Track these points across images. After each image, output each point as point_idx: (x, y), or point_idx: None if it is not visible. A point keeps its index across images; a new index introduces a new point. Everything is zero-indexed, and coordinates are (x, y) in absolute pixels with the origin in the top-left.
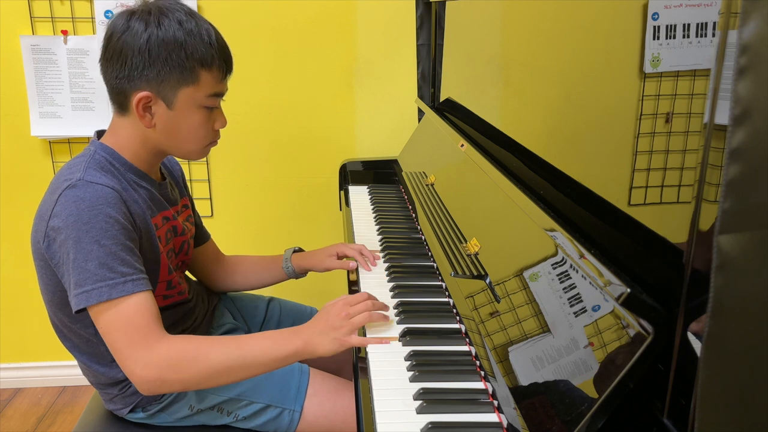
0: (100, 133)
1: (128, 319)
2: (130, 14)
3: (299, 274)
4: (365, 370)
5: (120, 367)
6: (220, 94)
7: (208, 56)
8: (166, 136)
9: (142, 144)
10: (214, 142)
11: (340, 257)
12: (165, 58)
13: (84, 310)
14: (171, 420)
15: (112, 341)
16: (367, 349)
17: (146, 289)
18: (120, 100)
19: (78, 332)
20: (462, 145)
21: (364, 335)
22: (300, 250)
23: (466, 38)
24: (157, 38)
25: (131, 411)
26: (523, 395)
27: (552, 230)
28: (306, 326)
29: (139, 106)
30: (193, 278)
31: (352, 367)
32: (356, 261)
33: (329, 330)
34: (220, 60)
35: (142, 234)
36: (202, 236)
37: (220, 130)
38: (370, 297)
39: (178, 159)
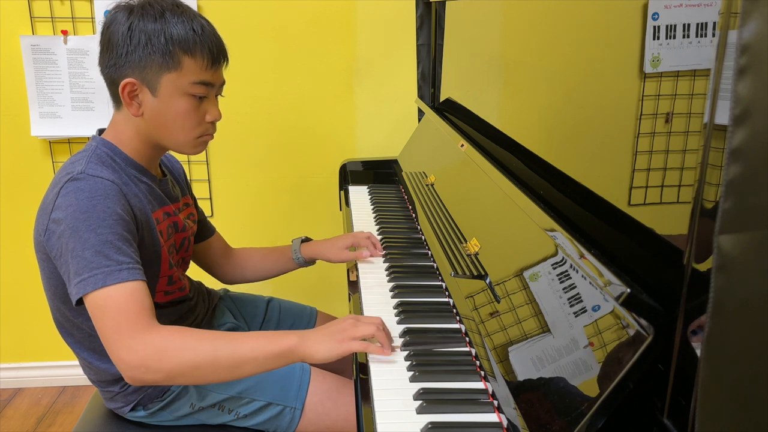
0: (100, 132)
1: (119, 306)
2: (116, 7)
3: (308, 263)
4: (366, 372)
5: (108, 354)
6: (209, 84)
7: (191, 41)
8: (155, 125)
9: (137, 136)
10: (208, 136)
11: (353, 247)
12: (146, 43)
13: (83, 301)
14: (171, 418)
15: (101, 326)
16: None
17: (141, 279)
18: (113, 91)
19: (80, 326)
20: (462, 145)
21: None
22: (307, 239)
23: (466, 38)
24: (138, 25)
25: (132, 409)
26: (523, 395)
27: (552, 230)
28: (306, 330)
29: (125, 93)
30: (194, 279)
31: (353, 369)
32: (367, 249)
33: (330, 335)
34: (204, 47)
35: (143, 227)
36: (207, 230)
37: (218, 126)
38: (382, 322)
39: (176, 155)
